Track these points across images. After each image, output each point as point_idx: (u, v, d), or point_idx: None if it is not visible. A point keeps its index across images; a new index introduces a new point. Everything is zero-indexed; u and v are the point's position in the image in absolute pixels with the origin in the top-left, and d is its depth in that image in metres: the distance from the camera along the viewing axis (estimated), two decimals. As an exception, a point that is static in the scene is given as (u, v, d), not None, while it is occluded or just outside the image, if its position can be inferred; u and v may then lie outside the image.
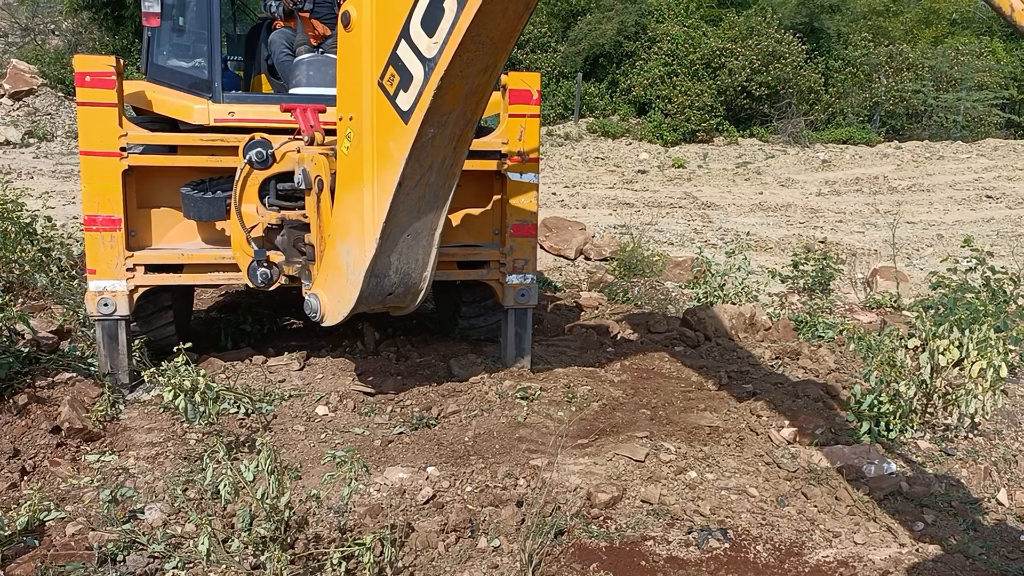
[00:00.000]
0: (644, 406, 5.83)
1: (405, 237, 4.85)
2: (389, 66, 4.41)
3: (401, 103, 4.40)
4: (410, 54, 4.28)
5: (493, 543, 4.14)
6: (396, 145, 4.51)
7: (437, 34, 4.11)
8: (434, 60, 4.17)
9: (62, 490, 4.60)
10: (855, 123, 26.09)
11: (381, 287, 4.97)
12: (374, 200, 4.69)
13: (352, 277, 4.92)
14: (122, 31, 23.55)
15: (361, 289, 4.87)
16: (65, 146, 18.76)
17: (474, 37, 4.05)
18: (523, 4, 4.11)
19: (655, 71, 24.82)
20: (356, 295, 4.92)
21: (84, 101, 5.53)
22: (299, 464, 4.90)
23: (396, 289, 5.05)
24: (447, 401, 5.81)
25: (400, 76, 4.36)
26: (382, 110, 4.53)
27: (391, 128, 4.50)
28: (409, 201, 4.70)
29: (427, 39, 4.17)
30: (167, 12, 6.31)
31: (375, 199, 4.68)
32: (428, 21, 4.14)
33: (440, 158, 4.67)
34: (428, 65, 4.21)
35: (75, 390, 5.56)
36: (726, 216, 16.52)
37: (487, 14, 3.94)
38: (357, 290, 4.90)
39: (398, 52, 4.35)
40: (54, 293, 7.42)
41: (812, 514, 4.59)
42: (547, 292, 9.44)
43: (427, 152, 4.54)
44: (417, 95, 4.30)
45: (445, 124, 4.48)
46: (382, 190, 4.64)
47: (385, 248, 4.76)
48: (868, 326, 8.09)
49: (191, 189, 5.81)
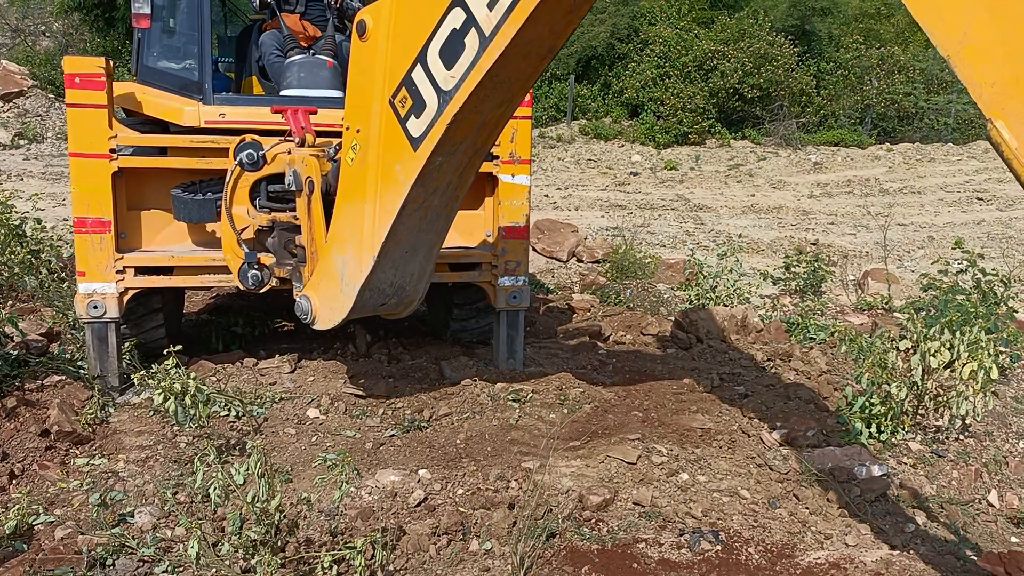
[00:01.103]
0: (636, 408, 5.83)
1: (403, 254, 4.83)
2: (402, 87, 4.27)
3: (411, 129, 4.28)
4: (425, 81, 4.15)
5: (485, 546, 4.13)
6: (402, 169, 4.41)
7: (456, 68, 3.99)
8: (450, 94, 4.05)
9: (51, 494, 4.57)
10: (847, 125, 26.18)
11: (375, 300, 4.97)
12: (375, 218, 4.61)
13: (347, 289, 4.91)
14: (113, 32, 23.52)
15: (355, 302, 4.87)
16: (55, 148, 18.69)
17: (493, 77, 3.94)
18: (546, 48, 4.04)
19: (647, 73, 24.88)
20: (350, 307, 4.91)
21: (73, 102, 5.51)
22: (290, 467, 4.88)
23: (390, 300, 5.06)
24: (439, 403, 5.80)
25: (413, 101, 4.23)
26: (391, 130, 4.42)
27: (399, 151, 4.40)
28: (411, 222, 4.64)
29: (444, 71, 4.04)
30: (157, 13, 6.28)
31: (376, 217, 4.61)
32: (447, 52, 4.01)
33: (445, 183, 4.59)
34: (443, 97, 4.08)
35: (64, 393, 5.54)
36: (718, 218, 16.54)
37: (509, 57, 3.84)
38: (351, 302, 4.89)
39: (413, 76, 4.21)
40: (43, 295, 7.39)
41: (804, 516, 4.60)
42: (539, 294, 9.44)
43: (433, 178, 4.45)
44: (429, 125, 4.19)
45: (454, 153, 4.39)
46: (384, 210, 4.56)
47: (382, 264, 4.73)
48: (859, 328, 8.10)
49: (181, 191, 5.78)
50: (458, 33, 3.91)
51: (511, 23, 3.70)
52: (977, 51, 2.41)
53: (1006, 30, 2.37)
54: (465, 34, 3.88)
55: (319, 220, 5.17)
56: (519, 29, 3.69)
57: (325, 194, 5.13)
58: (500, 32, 3.74)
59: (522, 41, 3.77)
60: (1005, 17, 2.36)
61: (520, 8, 3.64)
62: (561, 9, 3.77)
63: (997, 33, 2.37)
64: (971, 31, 2.42)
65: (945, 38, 2.45)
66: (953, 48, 2.44)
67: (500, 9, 3.70)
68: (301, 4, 6.78)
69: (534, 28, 3.73)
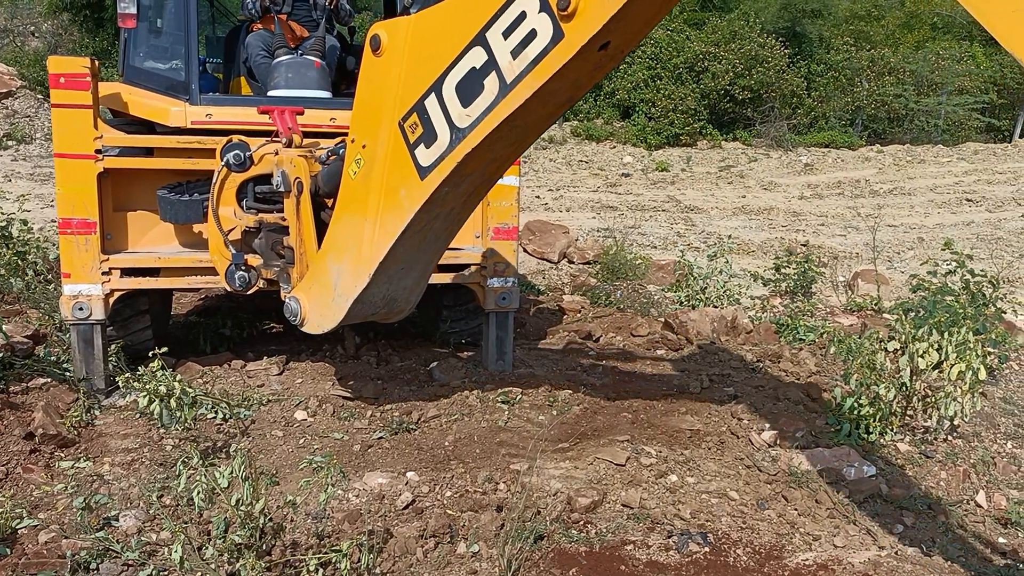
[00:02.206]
0: (625, 410, 5.81)
1: (399, 269, 4.80)
2: (414, 112, 4.15)
3: (420, 158, 4.17)
4: (439, 113, 4.03)
5: (472, 548, 4.11)
6: (407, 195, 4.32)
7: (472, 108, 3.87)
8: (464, 132, 3.94)
9: (35, 497, 4.53)
10: (837, 127, 26.26)
11: (365, 310, 4.95)
12: (374, 236, 4.55)
13: (339, 299, 4.88)
14: (102, 33, 23.45)
15: (347, 313, 4.85)
16: (44, 149, 18.61)
17: (510, 123, 3.84)
18: (566, 98, 3.95)
19: (639, 75, 24.92)
20: (341, 317, 4.90)
21: (59, 103, 5.46)
22: (276, 470, 4.85)
23: (380, 311, 5.05)
24: (427, 405, 5.78)
25: (424, 129, 4.12)
26: (398, 153, 4.31)
27: (405, 177, 4.30)
28: (411, 244, 4.59)
29: (460, 108, 3.92)
30: (144, 13, 6.25)
31: (376, 236, 4.54)
32: (465, 90, 3.88)
33: (449, 209, 4.52)
34: (457, 135, 3.98)
35: (50, 395, 5.50)
36: (709, 219, 16.56)
37: (529, 107, 3.75)
38: (343, 313, 4.87)
39: (426, 104, 4.08)
40: (29, 297, 7.34)
41: (792, 517, 4.59)
42: (530, 295, 9.42)
43: (438, 205, 4.37)
44: (439, 158, 4.08)
45: (461, 183, 4.29)
46: (384, 231, 4.49)
47: (377, 280, 4.71)
48: (849, 329, 8.11)
49: (168, 192, 5.75)
50: (477, 73, 3.80)
51: (534, 76, 3.60)
52: None
53: None
54: (485, 76, 3.77)
55: (308, 221, 5.15)
56: (543, 83, 3.59)
57: (314, 195, 5.11)
58: (522, 83, 3.64)
59: (544, 93, 3.67)
60: None
61: (545, 64, 3.54)
62: (587, 67, 3.66)
63: None
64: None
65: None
66: None
67: (524, 60, 3.60)
68: (288, 4, 6.75)
69: (558, 83, 3.63)
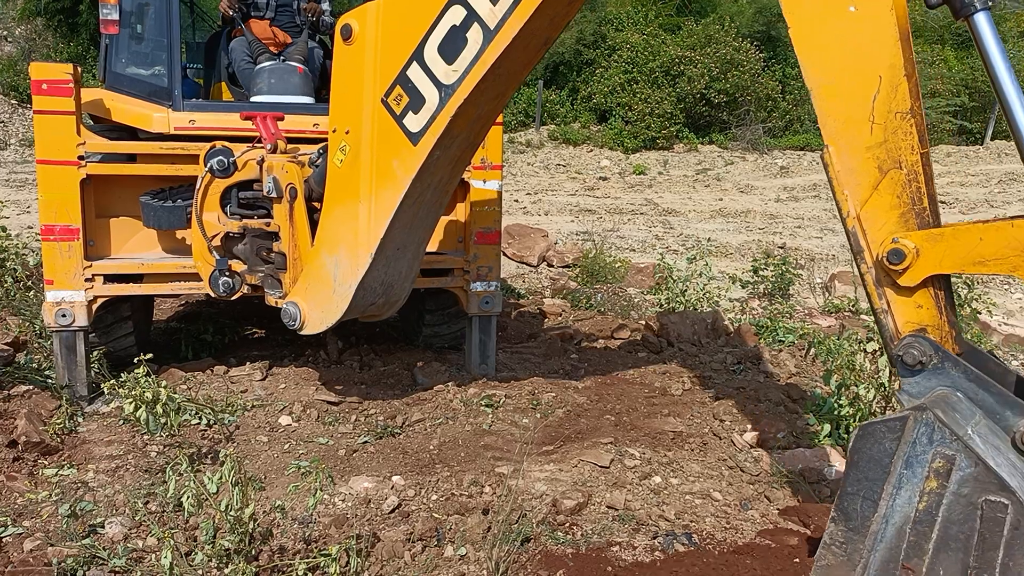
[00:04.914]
0: (608, 412, 5.86)
1: (395, 251, 4.88)
2: (396, 85, 4.38)
3: (410, 125, 4.39)
4: (423, 78, 4.27)
5: (459, 551, 4.13)
6: (401, 165, 4.49)
7: (458, 63, 4.12)
8: (452, 87, 4.19)
9: (19, 505, 4.51)
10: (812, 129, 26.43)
11: (367, 299, 5.00)
12: (371, 216, 4.68)
13: (340, 289, 4.92)
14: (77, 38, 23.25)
15: (350, 302, 4.88)
16: (19, 154, 18.43)
17: (495, 70, 4.10)
18: (543, 39, 4.22)
19: (615, 79, 25.01)
20: (344, 307, 4.93)
21: (41, 109, 5.44)
22: (263, 475, 4.86)
23: (379, 300, 5.10)
24: (411, 409, 5.80)
25: (410, 97, 4.35)
26: (385, 128, 4.51)
27: (396, 148, 4.49)
28: (406, 217, 4.72)
29: (445, 65, 4.17)
30: (125, 19, 6.24)
31: (372, 215, 4.67)
32: (448, 48, 4.14)
33: (439, 178, 4.70)
34: (445, 91, 4.22)
35: (32, 403, 5.47)
36: (687, 222, 16.66)
37: (512, 50, 4.01)
38: (346, 302, 4.90)
39: (408, 73, 4.32)
40: (9, 304, 7.28)
41: (774, 517, 4.65)
42: (511, 299, 9.46)
43: (430, 172, 4.55)
44: (430, 119, 4.31)
45: (450, 147, 4.51)
46: (381, 207, 4.63)
47: (377, 262, 4.77)
48: (827, 330, 8.20)
49: (151, 198, 5.74)
50: (459, 29, 4.08)
51: (516, 16, 3.90)
52: (834, 93, 3.07)
53: (855, 82, 3.03)
54: (467, 29, 4.05)
55: (303, 226, 5.18)
56: (524, 23, 3.88)
57: (307, 199, 5.13)
58: (506, 25, 3.94)
59: (526, 33, 3.94)
60: (858, 73, 3.02)
61: (525, 3, 3.85)
62: (562, 2, 3.99)
63: (851, 84, 3.04)
64: (833, 77, 3.07)
65: (816, 76, 3.10)
66: (816, 85, 3.09)
67: (504, 4, 3.90)
68: (271, 10, 6.76)
69: (538, 20, 3.92)
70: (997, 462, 2.75)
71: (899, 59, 2.99)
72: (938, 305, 3.09)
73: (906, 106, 3.00)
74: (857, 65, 3.03)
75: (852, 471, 3.00)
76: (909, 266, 3.03)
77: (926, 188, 3.04)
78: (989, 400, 2.92)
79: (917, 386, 3.04)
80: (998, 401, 2.90)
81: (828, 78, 3.09)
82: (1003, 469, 2.74)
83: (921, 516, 2.86)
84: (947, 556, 2.81)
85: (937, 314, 3.09)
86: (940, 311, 3.09)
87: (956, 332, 3.15)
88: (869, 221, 3.14)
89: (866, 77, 3.02)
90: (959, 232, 2.95)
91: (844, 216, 3.20)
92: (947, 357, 3.00)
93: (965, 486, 2.77)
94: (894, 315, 3.13)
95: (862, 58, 3.02)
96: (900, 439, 2.89)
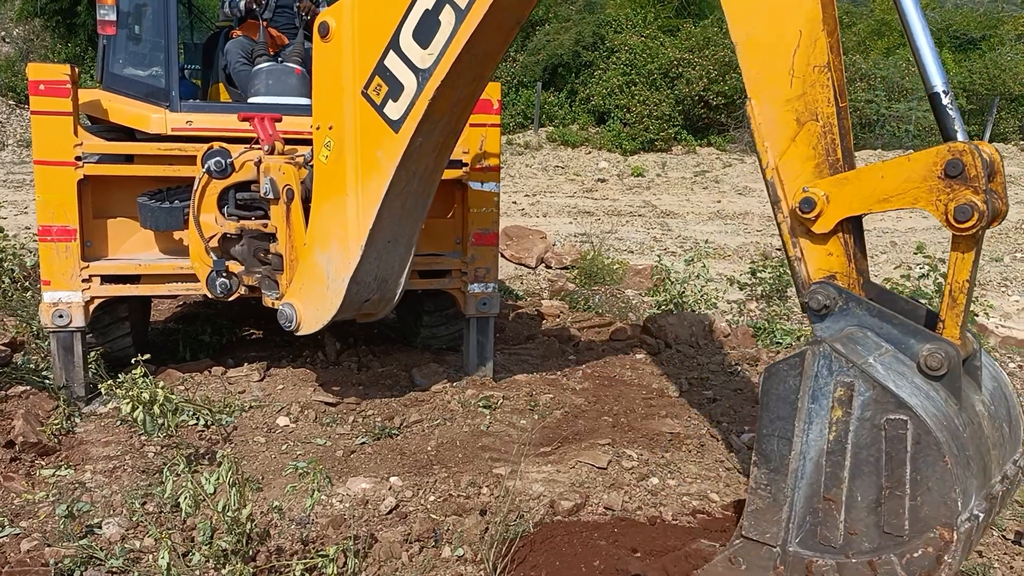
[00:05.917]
0: (606, 413, 5.86)
1: (386, 243, 4.91)
2: (375, 76, 4.46)
3: (390, 113, 4.47)
4: (400, 65, 4.36)
5: (457, 552, 4.13)
6: (384, 154, 4.55)
7: (432, 46, 4.21)
8: (429, 71, 4.27)
9: (16, 506, 4.50)
10: (810, 132, 26.46)
11: (361, 294, 5.01)
12: (359, 208, 4.73)
13: (334, 285, 4.93)
14: (74, 39, 23.26)
15: (344, 297, 4.89)
16: (16, 155, 18.43)
17: (469, 50, 4.16)
18: (514, 19, 4.31)
19: (613, 81, 25.02)
20: (339, 303, 4.95)
21: (38, 110, 5.44)
22: (260, 476, 4.86)
23: (373, 296, 5.11)
24: (409, 410, 5.80)
25: (389, 86, 4.43)
26: (367, 119, 4.57)
27: (378, 137, 4.55)
28: (394, 207, 4.77)
29: (420, 50, 4.26)
30: (123, 20, 6.24)
31: (360, 207, 4.72)
32: (422, 33, 4.23)
33: (424, 166, 4.75)
34: (422, 76, 4.30)
35: (29, 403, 5.46)
36: (685, 224, 16.68)
37: (484, 28, 4.08)
38: (340, 298, 4.92)
39: (385, 63, 4.41)
40: (6, 305, 7.28)
41: (772, 518, 4.65)
42: (508, 301, 9.46)
43: (414, 160, 4.61)
44: (409, 105, 4.39)
45: (432, 133, 4.57)
46: (368, 198, 4.69)
47: (368, 254, 4.79)
48: (825, 332, 8.19)
49: (148, 199, 5.74)
50: (431, 12, 4.16)
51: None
52: (757, 46, 3.23)
53: (775, 35, 3.17)
54: (439, 12, 4.14)
55: (300, 227, 5.18)
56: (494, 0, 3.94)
57: (304, 201, 5.14)
58: (476, 3, 4.00)
59: (496, 10, 4.01)
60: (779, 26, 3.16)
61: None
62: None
63: (773, 38, 3.18)
64: (755, 30, 3.22)
65: (740, 29, 3.24)
66: (740, 38, 3.25)
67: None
68: (269, 11, 6.76)
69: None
70: (897, 384, 2.84)
71: (818, 13, 3.11)
72: (847, 252, 3.20)
73: (824, 59, 3.11)
74: (779, 19, 3.14)
75: (764, 413, 3.09)
76: (820, 213, 3.13)
77: (840, 141, 3.15)
78: (895, 332, 3.03)
79: (827, 330, 3.15)
80: (902, 331, 3.02)
81: (751, 31, 3.21)
82: (903, 390, 2.83)
83: (833, 446, 2.93)
84: (862, 481, 2.89)
85: (846, 261, 3.20)
86: (849, 258, 3.21)
87: (864, 278, 3.27)
88: (786, 171, 3.24)
89: (787, 31, 3.13)
90: (862, 174, 3.07)
91: (764, 167, 3.29)
92: (851, 298, 3.11)
93: (867, 410, 2.86)
94: (807, 263, 3.26)
95: (783, 12, 3.14)
96: (802, 374, 2.98)
